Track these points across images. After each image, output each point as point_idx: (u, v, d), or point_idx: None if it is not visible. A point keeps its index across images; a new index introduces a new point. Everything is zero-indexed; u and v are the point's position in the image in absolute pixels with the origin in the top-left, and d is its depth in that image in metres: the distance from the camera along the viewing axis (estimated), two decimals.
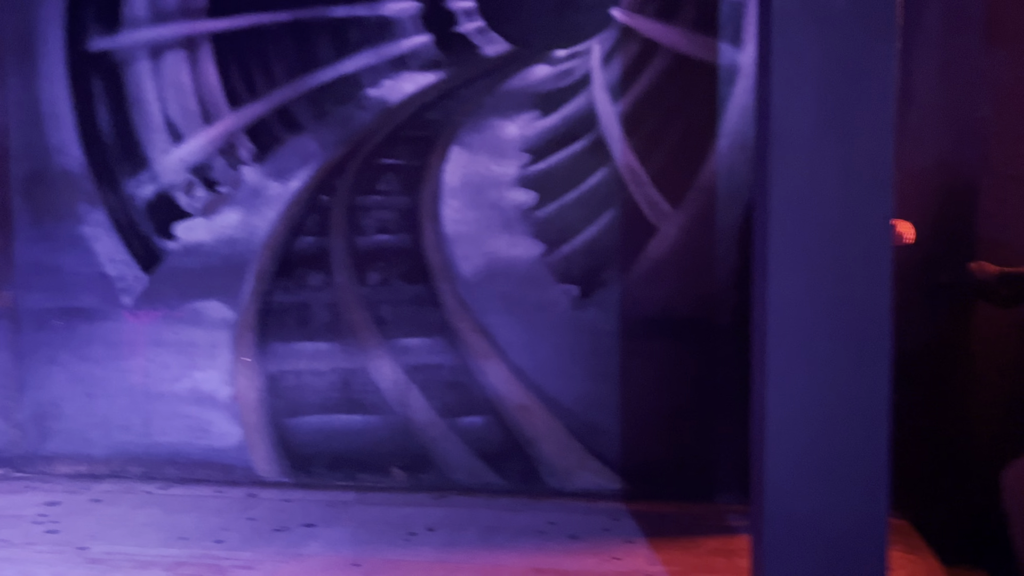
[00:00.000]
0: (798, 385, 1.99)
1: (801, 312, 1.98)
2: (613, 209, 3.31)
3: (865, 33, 1.94)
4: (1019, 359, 3.01)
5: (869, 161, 1.95)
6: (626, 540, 2.92)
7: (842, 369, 1.97)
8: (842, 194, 1.96)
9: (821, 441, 1.99)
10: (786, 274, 2.00)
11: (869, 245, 1.97)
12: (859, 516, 1.99)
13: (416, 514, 3.18)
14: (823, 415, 1.98)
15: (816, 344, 1.98)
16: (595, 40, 3.30)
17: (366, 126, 3.48)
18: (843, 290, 1.96)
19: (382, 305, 3.49)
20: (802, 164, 1.97)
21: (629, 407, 3.32)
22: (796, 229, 1.98)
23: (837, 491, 1.99)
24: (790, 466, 2.00)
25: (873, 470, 1.98)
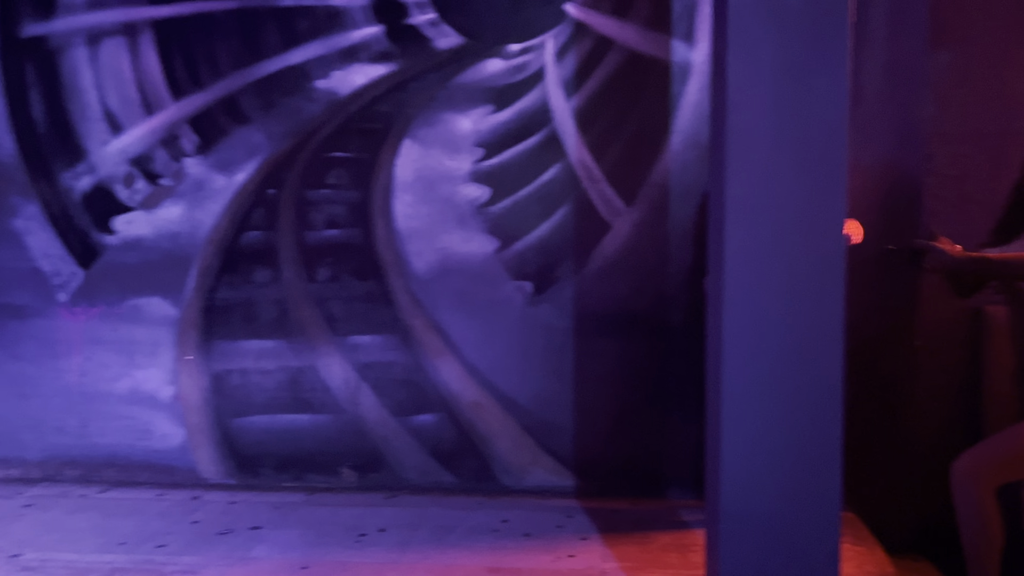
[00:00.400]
0: (753, 381, 2.00)
1: (756, 308, 1.99)
2: (567, 205, 3.30)
3: (819, 31, 1.96)
4: (964, 353, 3.09)
5: (823, 158, 1.97)
6: (580, 537, 2.91)
7: (796, 365, 1.99)
8: (797, 191, 1.97)
9: (775, 436, 2.00)
10: (741, 271, 2.00)
11: (823, 241, 1.99)
12: (812, 509, 2.01)
13: (367, 515, 3.12)
14: (777, 410, 2.00)
15: (770, 340, 1.99)
16: (549, 35, 3.28)
17: (315, 118, 3.41)
18: (797, 286, 1.98)
19: (332, 302, 3.42)
20: (757, 160, 1.98)
21: (583, 404, 3.31)
22: (751, 225, 1.99)
23: (791, 485, 2.00)
24: (745, 461, 2.02)
25: (826, 464, 2.01)
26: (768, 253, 1.99)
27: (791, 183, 1.98)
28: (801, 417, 2.00)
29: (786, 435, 2.00)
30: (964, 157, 3.06)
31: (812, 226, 1.98)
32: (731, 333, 2.00)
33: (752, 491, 2.01)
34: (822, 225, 1.98)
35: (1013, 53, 3.01)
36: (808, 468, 2.01)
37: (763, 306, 1.99)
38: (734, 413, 2.01)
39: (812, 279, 1.99)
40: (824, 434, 2.01)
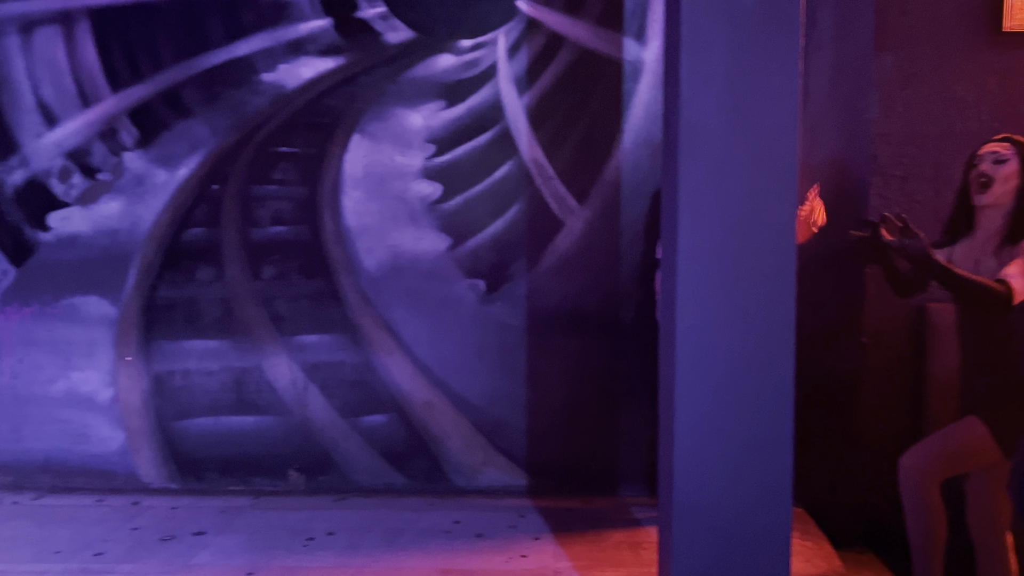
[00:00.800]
0: (705, 377, 2.01)
1: (708, 305, 2.00)
2: (520, 203, 3.28)
3: (771, 31, 1.97)
4: (908, 350, 3.16)
5: (774, 156, 1.99)
6: (533, 536, 2.90)
7: (748, 361, 2.00)
8: (748, 188, 1.98)
9: (728, 432, 2.01)
10: (694, 268, 2.01)
11: (774, 238, 2.00)
12: (764, 505, 2.02)
13: (315, 518, 3.06)
14: (729, 407, 2.00)
15: (722, 336, 2.00)
16: (501, 31, 3.26)
17: (261, 112, 3.33)
18: (749, 283, 1.99)
19: (278, 300, 3.35)
20: (710, 158, 1.99)
21: (536, 402, 3.30)
22: (704, 223, 2.00)
23: (743, 481, 2.01)
24: (697, 457, 2.02)
25: (777, 460, 2.02)
26: (720, 250, 1.99)
27: (743, 181, 1.98)
28: (753, 414, 2.01)
29: (738, 431, 2.01)
30: (908, 158, 3.13)
31: (763, 223, 1.99)
32: (684, 330, 2.00)
33: (704, 488, 2.02)
34: (773, 222, 2.00)
35: (954, 57, 3.09)
36: (760, 464, 2.02)
37: (715, 303, 1.99)
38: (686, 410, 2.02)
39: (764, 276, 2.00)
40: (775, 431, 2.02)
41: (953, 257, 2.61)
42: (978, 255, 2.55)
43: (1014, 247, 2.44)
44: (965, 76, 3.09)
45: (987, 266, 2.51)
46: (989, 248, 2.51)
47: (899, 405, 3.14)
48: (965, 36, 3.08)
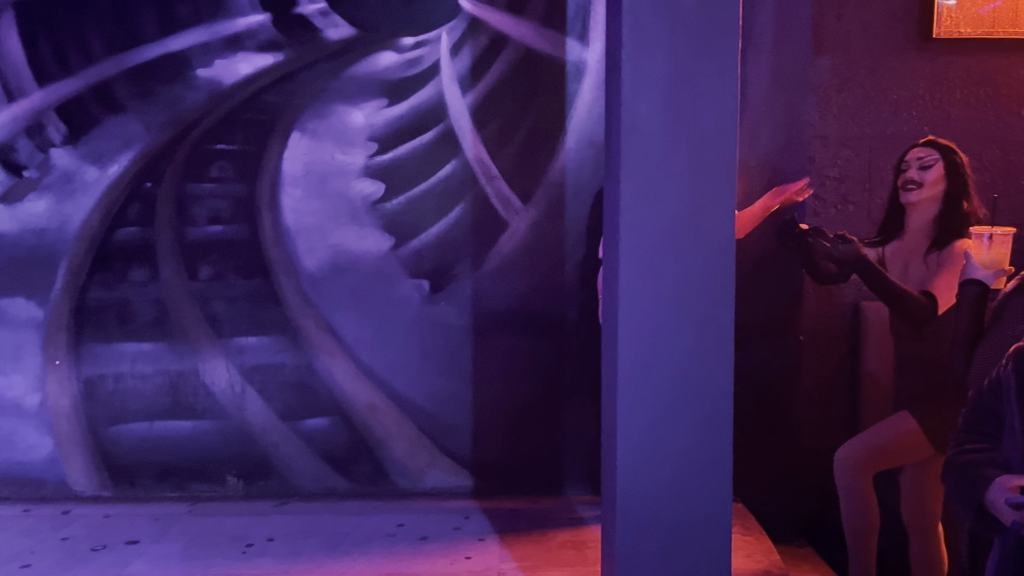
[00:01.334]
0: (647, 376, 2.02)
1: (649, 305, 2.01)
2: (464, 203, 3.26)
3: (711, 34, 2.00)
4: (844, 347, 3.24)
5: (714, 158, 2.01)
6: (478, 538, 2.89)
7: (688, 359, 2.02)
8: (689, 189, 2.01)
9: (669, 430, 2.03)
10: (635, 268, 2.02)
11: (714, 239, 2.03)
12: (705, 502, 2.05)
13: (254, 524, 3.00)
14: (670, 405, 2.03)
15: (663, 335, 2.02)
16: (443, 29, 3.24)
17: (197, 108, 3.24)
18: (689, 283, 2.01)
19: (215, 301, 3.27)
20: (651, 159, 2.00)
21: (481, 403, 3.28)
22: (645, 223, 2.01)
23: (684, 478, 2.04)
24: (639, 455, 2.04)
25: (717, 457, 2.05)
26: (661, 251, 2.01)
27: (683, 182, 2.01)
28: (693, 411, 2.03)
29: (679, 429, 2.04)
30: (843, 159, 3.21)
31: (703, 224, 2.02)
32: (625, 329, 2.02)
33: (646, 485, 2.04)
34: (713, 223, 2.02)
35: (887, 62, 3.18)
36: (700, 461, 2.05)
37: (655, 303, 2.02)
38: (628, 408, 2.03)
39: (703, 276, 2.03)
40: (715, 428, 2.05)
41: (884, 257, 2.68)
42: (907, 257, 2.63)
43: (942, 251, 2.52)
44: (897, 80, 3.18)
45: (916, 269, 2.60)
46: (919, 251, 2.59)
47: (836, 401, 3.22)
48: (898, 42, 3.17)
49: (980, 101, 3.19)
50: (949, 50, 3.15)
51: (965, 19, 3.12)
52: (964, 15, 3.12)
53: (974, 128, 3.18)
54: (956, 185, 2.54)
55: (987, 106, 3.19)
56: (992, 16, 3.12)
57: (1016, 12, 3.12)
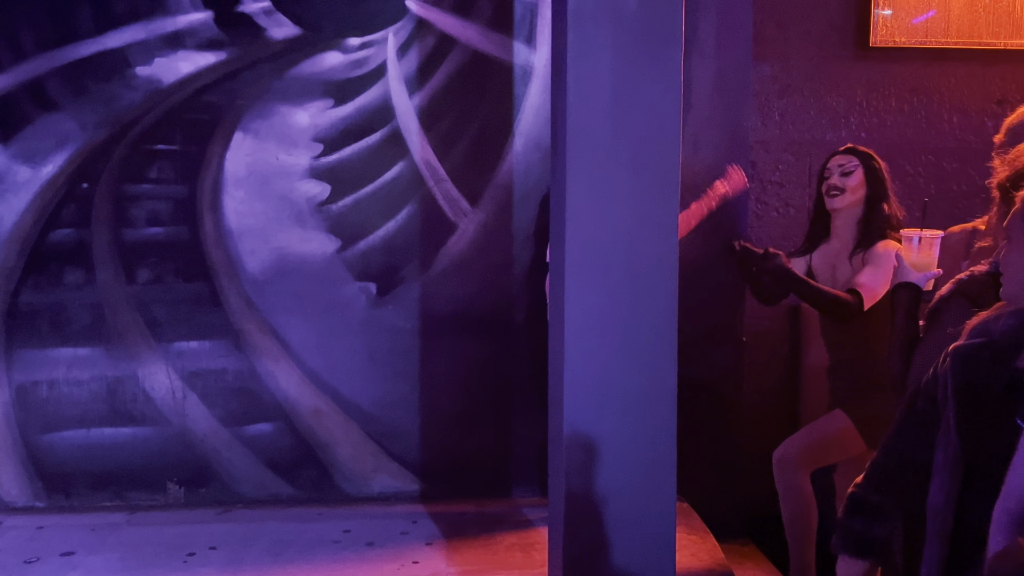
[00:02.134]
0: (592, 378, 2.04)
1: (595, 307, 2.03)
2: (412, 205, 3.24)
3: (654, 40, 2.02)
4: (785, 348, 3.30)
5: (658, 162, 2.04)
6: (426, 542, 2.87)
7: (633, 361, 2.05)
8: (633, 193, 2.03)
9: (614, 431, 2.05)
10: (581, 272, 2.04)
11: (658, 242, 2.06)
12: (650, 502, 2.07)
13: (196, 532, 2.93)
14: (616, 406, 2.05)
15: (608, 338, 2.04)
16: (390, 30, 3.21)
17: (135, 107, 3.16)
18: (634, 286, 2.03)
19: (154, 305, 3.19)
20: (596, 163, 2.02)
21: (429, 406, 3.26)
22: (590, 226, 2.03)
23: (629, 479, 2.06)
24: (585, 456, 2.05)
25: (662, 457, 2.07)
26: (606, 255, 2.03)
27: (627, 186, 2.03)
28: (638, 412, 2.06)
29: (624, 430, 2.06)
30: (784, 164, 3.28)
31: (647, 228, 2.04)
32: (571, 332, 2.03)
33: (592, 486, 2.06)
34: (657, 227, 2.05)
35: (826, 69, 3.26)
36: (645, 462, 2.07)
37: (601, 306, 2.03)
38: (574, 410, 2.05)
39: (648, 279, 2.05)
40: (660, 429, 2.07)
41: (812, 262, 2.78)
42: (835, 260, 2.72)
43: (867, 252, 2.61)
44: (836, 87, 3.26)
45: (843, 271, 2.69)
46: (844, 254, 2.69)
47: (778, 400, 3.29)
48: (836, 50, 3.25)
49: (914, 108, 3.29)
50: (885, 58, 3.25)
51: (900, 29, 3.22)
52: (899, 25, 3.22)
53: (908, 134, 3.28)
54: (876, 189, 2.65)
55: (920, 113, 3.29)
56: (925, 26, 3.23)
57: (948, 23, 3.23)
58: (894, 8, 3.21)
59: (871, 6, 3.19)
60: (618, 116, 2.01)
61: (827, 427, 2.72)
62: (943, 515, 1.43)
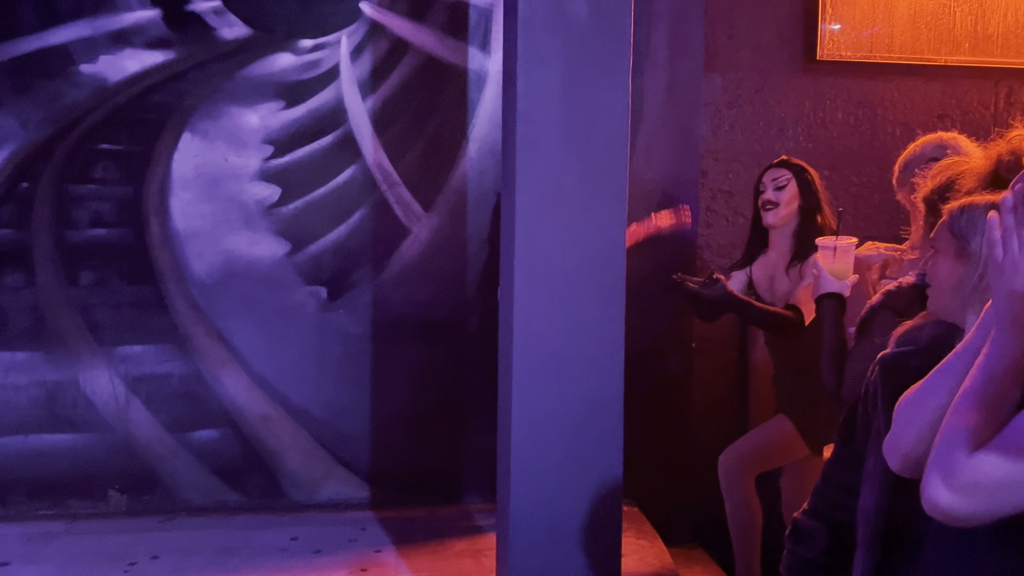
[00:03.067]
0: (541, 384, 2.05)
1: (544, 314, 2.04)
2: (364, 209, 3.21)
3: (604, 50, 2.05)
4: (733, 355, 3.35)
5: (607, 170, 2.06)
6: (374, 550, 2.84)
7: (581, 367, 2.06)
8: (582, 200, 2.05)
9: (562, 436, 2.06)
10: (530, 279, 2.05)
11: (606, 250, 2.08)
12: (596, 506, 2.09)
13: (138, 541, 2.86)
14: (563, 411, 2.06)
15: (557, 344, 2.05)
16: (343, 33, 3.18)
17: (79, 105, 3.09)
18: (582, 293, 2.05)
19: (98, 308, 3.11)
20: (545, 170, 2.03)
21: (379, 413, 3.23)
22: (540, 233, 2.04)
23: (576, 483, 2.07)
24: (533, 462, 2.06)
25: (608, 463, 2.09)
26: (555, 262, 2.05)
27: (577, 194, 2.05)
28: (586, 418, 2.08)
29: (572, 435, 2.07)
30: (733, 174, 3.33)
31: (596, 235, 2.06)
32: (520, 338, 2.04)
33: (540, 491, 2.07)
34: (605, 234, 2.07)
35: (775, 81, 3.31)
36: (592, 468, 2.09)
37: (550, 312, 2.05)
38: (522, 415, 2.06)
39: (596, 286, 2.07)
40: (606, 434, 2.09)
41: (752, 274, 2.83)
42: (772, 272, 2.78)
43: (803, 264, 2.67)
44: (784, 99, 3.32)
45: (781, 283, 2.75)
46: (782, 266, 2.74)
47: (726, 406, 3.33)
48: (785, 62, 3.31)
49: (859, 121, 3.37)
50: (832, 72, 3.32)
51: (847, 43, 3.30)
52: (846, 39, 3.30)
53: (854, 146, 3.35)
54: (809, 201, 2.70)
55: (865, 126, 3.37)
56: (870, 41, 3.31)
57: (892, 38, 3.31)
58: (841, 23, 3.28)
59: (819, 20, 3.26)
60: (568, 124, 2.03)
61: (771, 432, 2.77)
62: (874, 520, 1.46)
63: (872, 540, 1.46)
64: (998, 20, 3.35)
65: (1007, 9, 3.35)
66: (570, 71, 2.01)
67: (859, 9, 3.28)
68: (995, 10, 3.34)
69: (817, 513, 1.66)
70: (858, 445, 1.54)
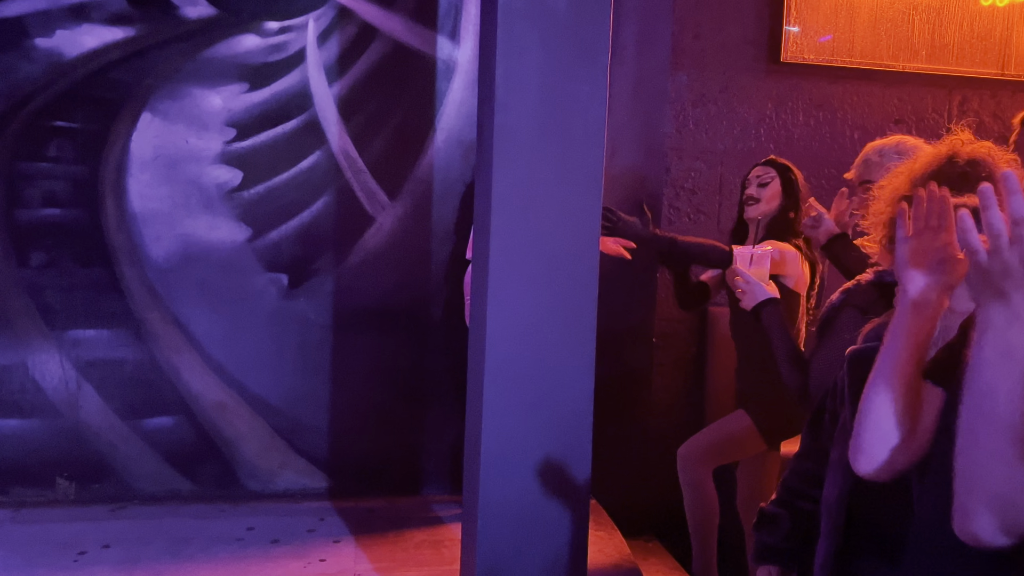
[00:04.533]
0: (512, 376, 2.04)
1: (517, 307, 2.03)
2: (328, 195, 3.17)
3: (583, 41, 2.04)
4: (693, 349, 3.39)
5: (583, 161, 2.06)
6: (333, 540, 2.81)
7: (553, 361, 2.06)
8: (558, 191, 2.04)
9: (532, 430, 2.06)
10: (505, 270, 2.04)
11: (580, 242, 2.08)
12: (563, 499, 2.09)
13: (88, 530, 2.79)
14: (534, 405, 2.05)
15: (530, 336, 2.04)
16: (311, 16, 3.13)
17: (33, 80, 2.98)
18: (556, 286, 2.05)
19: (49, 291, 3.02)
20: (522, 160, 2.02)
21: (340, 402, 3.20)
22: (515, 226, 2.03)
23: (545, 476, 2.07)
24: (502, 453, 2.06)
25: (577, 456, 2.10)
26: (530, 250, 2.04)
27: (553, 186, 2.04)
28: (556, 412, 2.07)
29: (541, 430, 2.07)
30: (696, 172, 3.37)
31: (570, 228, 2.06)
32: (493, 330, 2.03)
33: (508, 483, 2.06)
34: (580, 227, 2.07)
35: (739, 81, 3.36)
36: (561, 460, 2.09)
37: (524, 305, 2.04)
38: (493, 408, 2.04)
39: (570, 278, 2.07)
40: (576, 428, 2.09)
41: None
42: None
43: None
44: (747, 99, 3.37)
45: None
46: None
47: (685, 400, 3.37)
48: (749, 63, 3.36)
49: (819, 123, 3.43)
50: (794, 74, 3.38)
51: (809, 46, 3.36)
52: (808, 42, 3.36)
53: (813, 147, 3.41)
54: (789, 199, 2.75)
55: (825, 128, 3.44)
56: (832, 45, 3.37)
57: (852, 43, 3.38)
58: (803, 26, 3.34)
59: (783, 23, 3.32)
60: (545, 114, 2.02)
61: (730, 426, 2.81)
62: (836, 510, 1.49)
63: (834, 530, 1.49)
64: (954, 30, 3.44)
65: (963, 20, 3.44)
66: (548, 61, 2.01)
67: (822, 14, 3.35)
68: (952, 20, 3.44)
69: (783, 502, 1.69)
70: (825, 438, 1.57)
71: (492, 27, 2.04)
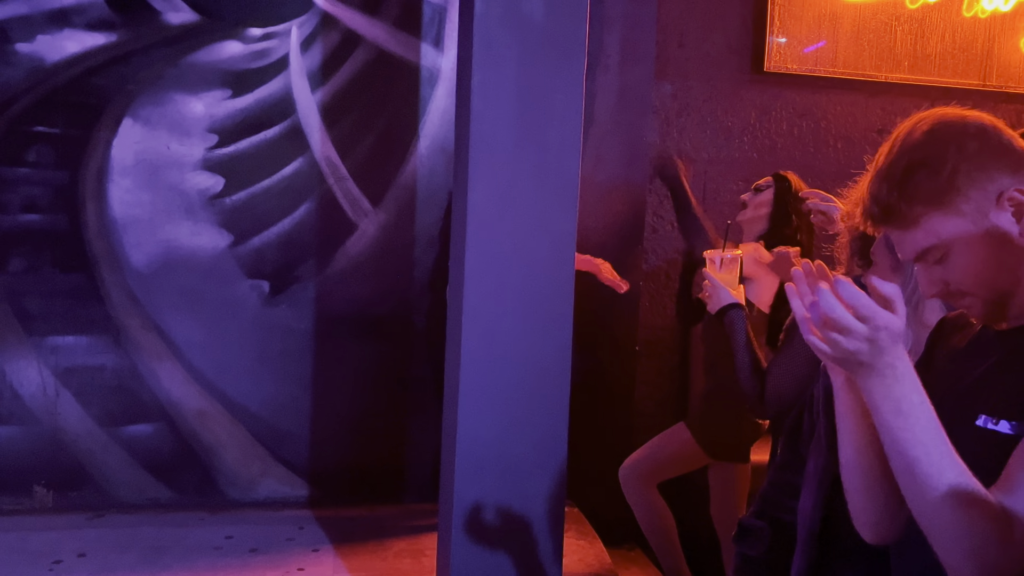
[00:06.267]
0: (488, 384, 2.04)
1: (493, 314, 2.03)
2: (310, 202, 3.16)
3: (559, 52, 2.04)
4: (675, 358, 3.39)
5: (559, 170, 2.06)
6: (312, 549, 2.79)
7: (528, 368, 2.05)
8: (534, 200, 2.04)
9: (508, 437, 2.05)
10: (481, 278, 2.04)
11: (556, 251, 2.07)
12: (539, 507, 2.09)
13: (64, 538, 2.77)
14: (510, 412, 2.05)
15: (506, 344, 2.04)
16: (294, 23, 3.13)
17: (14, 85, 2.97)
18: (532, 294, 2.05)
19: (28, 296, 2.99)
20: (498, 169, 2.02)
21: (321, 410, 3.18)
22: (492, 232, 2.03)
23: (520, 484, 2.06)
24: (478, 461, 2.05)
25: (553, 464, 2.09)
26: (507, 259, 2.04)
27: (529, 194, 2.04)
28: (532, 419, 2.07)
29: (517, 437, 2.06)
30: None
31: (546, 236, 2.06)
32: (468, 337, 2.03)
33: (483, 492, 2.05)
34: (556, 235, 2.07)
35: (723, 90, 3.37)
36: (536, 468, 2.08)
37: (500, 313, 2.03)
38: (469, 415, 2.04)
39: (546, 287, 2.06)
40: (552, 436, 2.09)
41: None
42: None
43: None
44: (731, 108, 3.38)
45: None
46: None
47: (666, 409, 3.37)
48: (733, 72, 3.37)
49: (803, 132, 3.44)
50: (778, 84, 3.39)
51: (793, 56, 3.37)
52: (792, 52, 3.37)
53: (796, 156, 3.43)
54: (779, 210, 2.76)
55: (808, 138, 3.45)
56: (815, 56, 3.39)
57: (835, 54, 3.40)
58: (787, 36, 3.35)
59: (766, 33, 3.33)
60: (521, 123, 2.02)
61: (668, 440, 2.81)
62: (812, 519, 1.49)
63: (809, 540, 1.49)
64: (936, 41, 3.46)
65: (945, 31, 3.46)
66: (525, 70, 2.01)
67: (805, 24, 3.36)
68: (934, 31, 3.46)
69: (762, 513, 1.69)
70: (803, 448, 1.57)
71: (468, 36, 2.04)
